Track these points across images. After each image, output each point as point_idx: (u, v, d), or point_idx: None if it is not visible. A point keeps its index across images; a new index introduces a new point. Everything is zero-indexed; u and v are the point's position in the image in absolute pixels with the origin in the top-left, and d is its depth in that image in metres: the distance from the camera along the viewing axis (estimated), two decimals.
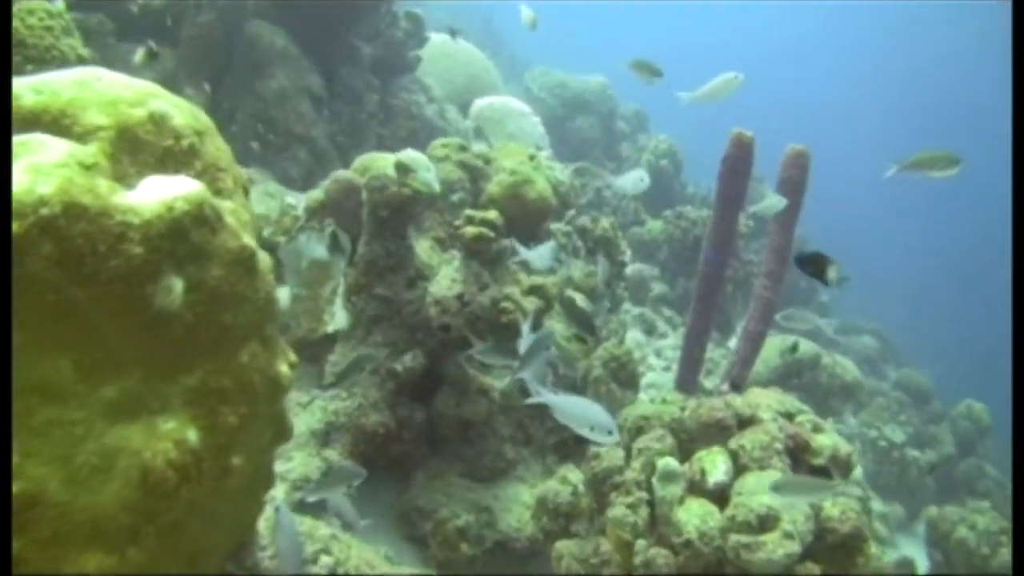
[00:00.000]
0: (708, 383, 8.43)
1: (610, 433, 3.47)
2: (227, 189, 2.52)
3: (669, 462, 3.84)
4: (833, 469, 3.96)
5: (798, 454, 3.93)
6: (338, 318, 4.87)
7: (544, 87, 14.46)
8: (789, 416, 4.21)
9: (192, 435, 2.27)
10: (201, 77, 7.04)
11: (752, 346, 5.55)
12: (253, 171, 6.70)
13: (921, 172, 4.79)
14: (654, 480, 3.87)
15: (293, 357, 2.80)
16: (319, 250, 5.05)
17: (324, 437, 4.63)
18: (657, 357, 9.40)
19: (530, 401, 3.63)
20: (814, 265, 4.09)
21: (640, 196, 12.54)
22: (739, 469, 3.81)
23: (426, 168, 4.56)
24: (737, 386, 5.34)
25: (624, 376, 5.11)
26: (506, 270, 4.64)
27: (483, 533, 4.56)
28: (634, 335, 9.51)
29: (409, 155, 4.56)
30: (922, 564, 8.06)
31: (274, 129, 7.13)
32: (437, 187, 4.66)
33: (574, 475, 4.64)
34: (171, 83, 6.96)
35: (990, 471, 11.44)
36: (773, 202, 5.31)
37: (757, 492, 3.55)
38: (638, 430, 4.21)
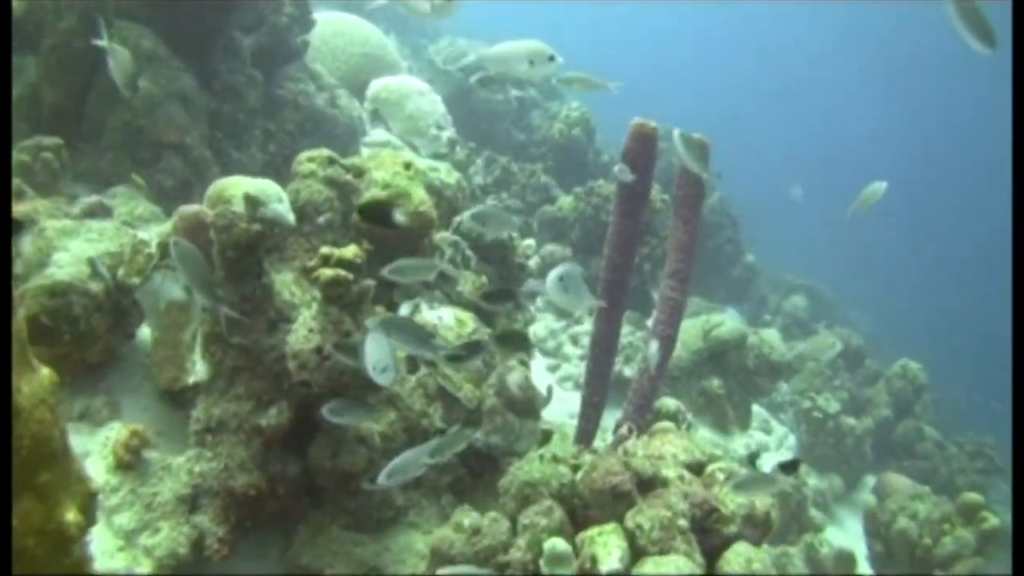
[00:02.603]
0: (627, 370, 8.07)
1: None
2: None
3: (556, 545, 3.42)
4: (749, 531, 3.55)
5: (707, 524, 3.51)
6: (198, 369, 4.40)
7: (449, 59, 13.95)
8: (699, 467, 3.80)
9: None
10: (66, 88, 6.50)
11: (661, 356, 5.13)
12: (122, 188, 6.21)
13: None
14: (541, 563, 3.45)
15: (93, 486, 2.36)
16: (175, 291, 4.56)
17: (192, 502, 4.19)
18: (573, 345, 9.01)
19: None
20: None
21: (550, 170, 12.16)
22: (636, 553, 3.39)
23: (277, 199, 4.09)
24: (639, 425, 4.93)
25: (521, 405, 4.67)
26: (373, 313, 4.18)
27: None
28: (548, 322, 9.14)
29: (258, 186, 4.09)
30: (860, 547, 7.82)
31: (144, 139, 6.60)
32: (292, 219, 4.20)
33: (470, 519, 4.20)
34: (35, 95, 6.45)
35: (929, 432, 11.24)
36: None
37: None
38: (524, 499, 3.78)
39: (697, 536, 3.47)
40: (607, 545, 3.37)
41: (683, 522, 3.41)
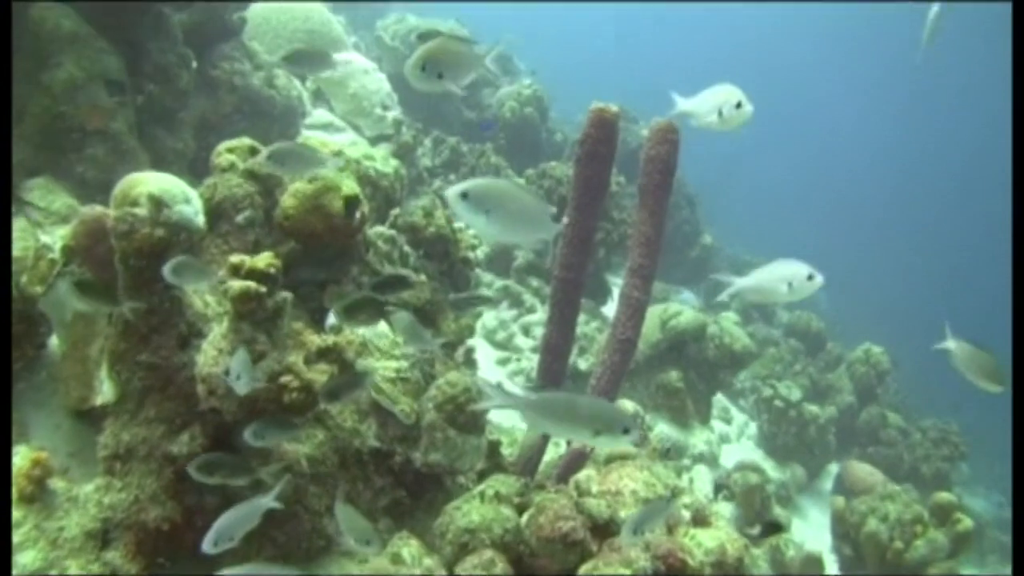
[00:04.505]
0: (583, 363, 7.73)
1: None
2: None
3: None
4: None
5: None
6: (105, 390, 3.98)
7: (397, 35, 13.53)
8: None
9: None
10: None
11: (620, 360, 4.73)
12: (40, 180, 5.78)
13: None
14: None
15: None
16: (82, 301, 4.13)
17: (102, 537, 3.79)
18: (525, 335, 8.64)
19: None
20: None
21: (502, 150, 11.82)
22: None
23: (183, 199, 3.65)
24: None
25: (463, 420, 4.27)
26: (291, 330, 3.77)
27: None
28: (499, 312, 8.76)
29: (162, 186, 3.64)
30: (825, 539, 7.58)
31: (65, 127, 6.15)
32: (201, 221, 3.76)
33: (409, 549, 3.81)
34: None
35: (893, 419, 11.04)
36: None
37: None
38: (462, 547, 3.38)
39: None
40: None
41: None
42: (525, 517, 3.42)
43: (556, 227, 3.02)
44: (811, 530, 8.67)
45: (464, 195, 2.82)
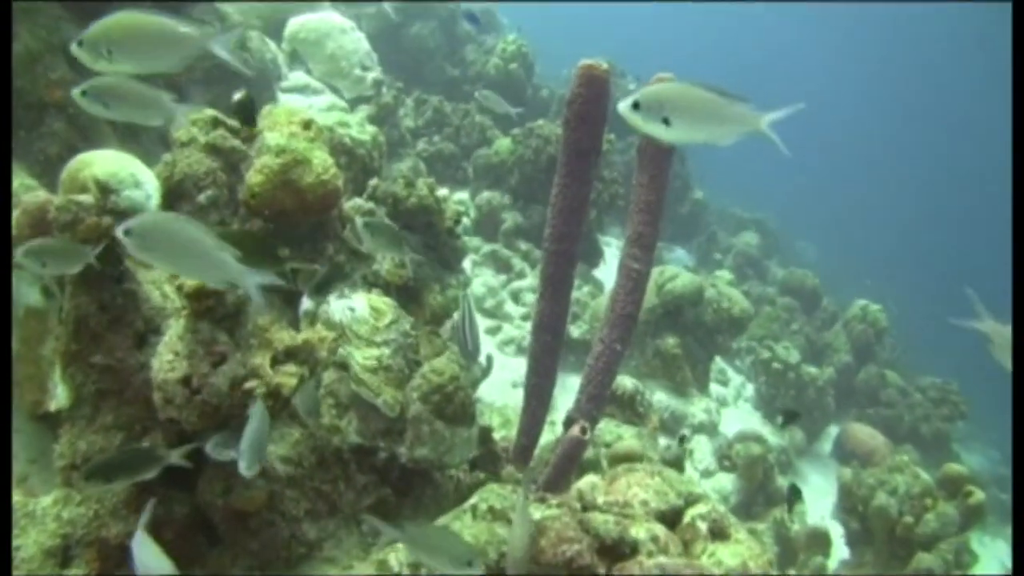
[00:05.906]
0: (576, 331, 7.46)
1: None
2: None
3: None
4: None
5: None
6: (59, 394, 3.64)
7: None
8: (676, 515, 3.09)
9: None
10: None
11: (620, 337, 4.39)
12: None
13: None
14: None
15: None
16: (32, 296, 3.79)
17: (63, 554, 3.47)
18: (515, 303, 8.32)
19: None
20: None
21: (486, 110, 11.50)
22: None
23: (133, 184, 3.31)
24: (595, 418, 4.19)
25: (451, 411, 3.95)
26: (255, 327, 3.43)
27: None
28: (486, 278, 8.44)
29: (109, 169, 3.30)
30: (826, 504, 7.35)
31: (23, 101, 5.81)
32: (152, 207, 3.43)
33: (396, 555, 3.50)
34: None
35: (892, 378, 10.79)
36: None
37: None
38: None
39: None
40: None
41: None
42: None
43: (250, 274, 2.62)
44: (812, 495, 8.42)
45: (127, 231, 2.50)
